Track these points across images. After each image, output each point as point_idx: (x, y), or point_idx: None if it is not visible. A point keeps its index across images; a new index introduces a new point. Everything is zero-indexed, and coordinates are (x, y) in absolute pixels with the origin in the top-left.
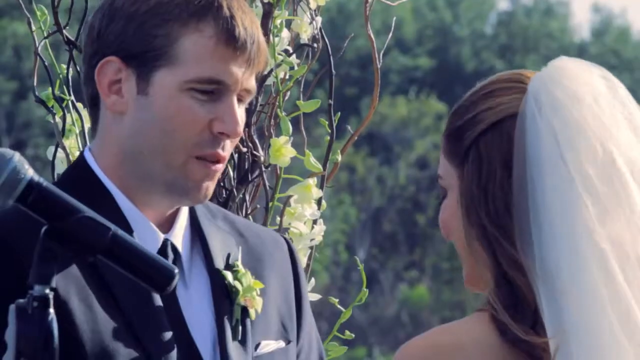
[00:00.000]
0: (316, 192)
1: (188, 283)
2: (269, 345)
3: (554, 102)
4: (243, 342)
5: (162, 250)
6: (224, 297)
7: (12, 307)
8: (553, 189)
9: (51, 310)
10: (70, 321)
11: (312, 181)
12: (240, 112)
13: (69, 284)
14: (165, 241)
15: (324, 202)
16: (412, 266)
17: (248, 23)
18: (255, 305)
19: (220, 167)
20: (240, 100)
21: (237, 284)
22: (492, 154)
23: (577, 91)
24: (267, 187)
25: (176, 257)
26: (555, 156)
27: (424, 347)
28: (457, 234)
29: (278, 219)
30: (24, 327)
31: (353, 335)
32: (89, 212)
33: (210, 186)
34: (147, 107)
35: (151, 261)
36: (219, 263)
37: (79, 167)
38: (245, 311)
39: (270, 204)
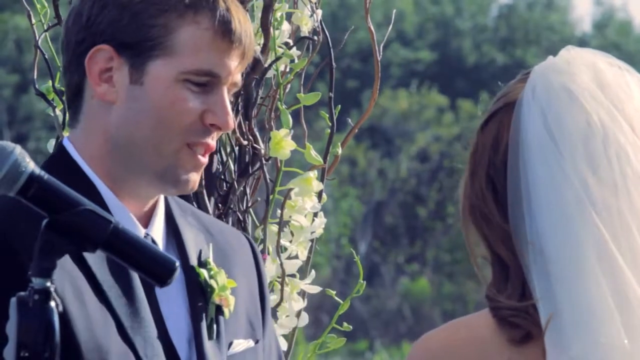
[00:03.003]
0: (317, 185)
1: None
2: (240, 344)
3: (548, 87)
4: (218, 341)
5: None
6: (198, 295)
7: (13, 300)
8: (543, 168)
9: (52, 303)
10: (66, 318)
11: (313, 174)
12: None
13: (64, 279)
14: (146, 236)
15: (324, 195)
16: (414, 259)
17: (242, 17)
18: (229, 304)
19: (206, 158)
20: (227, 92)
21: (212, 282)
22: (485, 140)
23: (576, 77)
24: (268, 180)
25: None
26: (546, 139)
27: (440, 341)
28: None
29: (279, 211)
30: (25, 320)
31: (351, 327)
32: (90, 205)
33: (197, 178)
34: (141, 96)
35: (152, 254)
36: (193, 260)
37: (59, 157)
38: (219, 310)
39: (271, 196)
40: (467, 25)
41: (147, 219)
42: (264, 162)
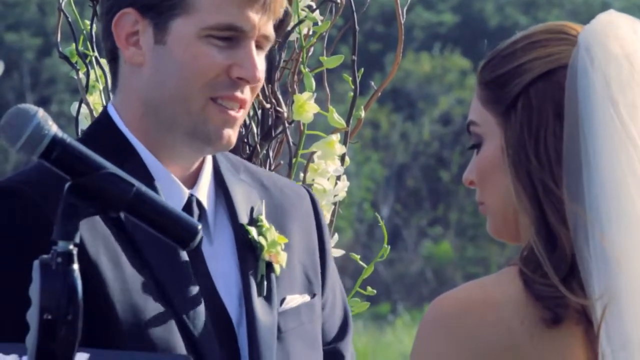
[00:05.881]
0: (339, 148)
1: (213, 238)
2: (295, 299)
3: (608, 55)
4: (268, 298)
5: (188, 206)
6: (248, 253)
7: (36, 263)
8: (606, 141)
9: (75, 266)
10: (99, 280)
11: (336, 137)
12: (259, 59)
13: (98, 243)
14: (191, 197)
15: (347, 158)
16: (436, 222)
17: None
18: (280, 260)
19: (240, 113)
20: (259, 47)
21: (261, 239)
22: (544, 103)
23: (631, 44)
24: (291, 143)
25: (201, 212)
26: (609, 108)
27: (456, 302)
28: (493, 181)
29: (301, 175)
30: (48, 283)
31: (375, 292)
32: (113, 168)
33: (231, 133)
34: (165, 56)
35: (175, 217)
36: (243, 218)
37: (103, 122)
38: (269, 266)
39: (294, 160)
40: None
41: (193, 180)
42: (286, 125)
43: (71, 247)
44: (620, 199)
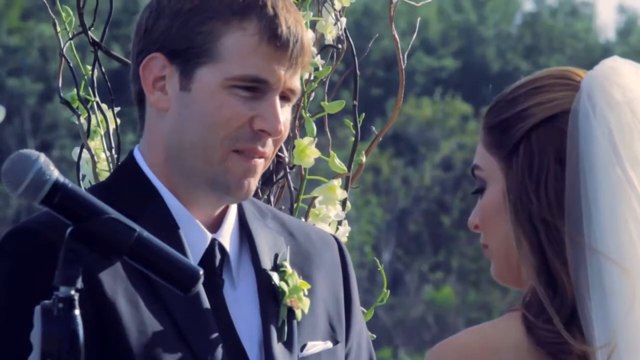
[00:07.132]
0: (341, 193)
1: (236, 283)
2: (316, 346)
3: (610, 101)
4: (288, 343)
5: (210, 250)
6: (270, 298)
7: (37, 308)
8: (607, 188)
9: (76, 311)
10: (117, 322)
11: (337, 182)
12: (284, 112)
13: (117, 284)
14: (213, 241)
15: (348, 203)
16: (438, 267)
17: (292, 22)
18: (302, 306)
19: (261, 162)
20: (285, 99)
21: (282, 284)
22: (545, 148)
23: (633, 91)
24: (292, 188)
25: (224, 257)
26: (610, 155)
27: (455, 348)
28: (496, 225)
29: (303, 220)
30: (49, 329)
31: (375, 336)
32: (114, 213)
33: (252, 182)
34: (189, 103)
35: (176, 262)
36: (266, 263)
37: (128, 166)
38: (291, 312)
39: (295, 205)
40: (491, 33)
41: (217, 225)
42: (288, 170)
43: (72, 292)
44: (622, 245)
